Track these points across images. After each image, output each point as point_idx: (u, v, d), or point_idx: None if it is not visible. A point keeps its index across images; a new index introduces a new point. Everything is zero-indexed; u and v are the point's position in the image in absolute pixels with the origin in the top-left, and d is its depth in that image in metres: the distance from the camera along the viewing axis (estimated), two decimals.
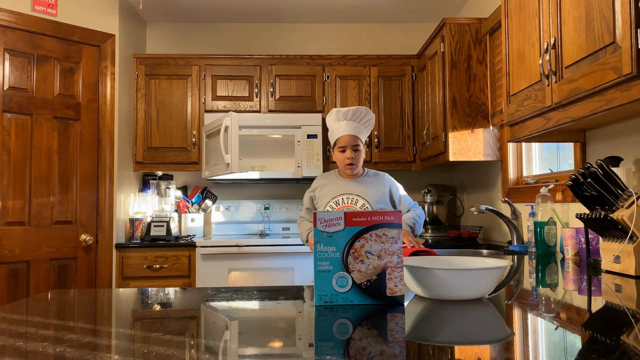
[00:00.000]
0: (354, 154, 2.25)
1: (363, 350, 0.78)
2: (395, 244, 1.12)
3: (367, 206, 2.19)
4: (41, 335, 0.88)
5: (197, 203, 3.79)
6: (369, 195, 2.23)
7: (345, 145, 2.25)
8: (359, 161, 2.27)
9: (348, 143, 2.24)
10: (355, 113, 2.27)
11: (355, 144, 2.25)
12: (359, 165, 2.28)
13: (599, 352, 0.76)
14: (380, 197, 2.24)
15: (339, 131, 2.26)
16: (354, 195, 2.24)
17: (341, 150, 2.26)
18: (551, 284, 1.49)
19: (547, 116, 1.82)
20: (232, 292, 1.33)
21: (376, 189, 2.26)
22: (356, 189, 2.26)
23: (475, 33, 3.12)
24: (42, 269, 3.06)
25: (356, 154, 2.25)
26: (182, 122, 3.66)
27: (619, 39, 1.39)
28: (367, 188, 2.26)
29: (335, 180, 2.33)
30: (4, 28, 2.96)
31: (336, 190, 2.28)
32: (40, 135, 3.07)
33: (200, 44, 4.10)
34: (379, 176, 2.34)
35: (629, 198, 1.56)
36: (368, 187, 2.26)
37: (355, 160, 2.25)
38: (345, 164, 2.25)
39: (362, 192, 2.24)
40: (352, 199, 2.23)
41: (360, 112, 2.28)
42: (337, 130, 2.27)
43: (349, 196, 2.24)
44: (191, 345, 0.81)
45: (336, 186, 2.29)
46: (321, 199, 2.30)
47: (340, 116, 2.28)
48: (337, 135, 2.27)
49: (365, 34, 4.17)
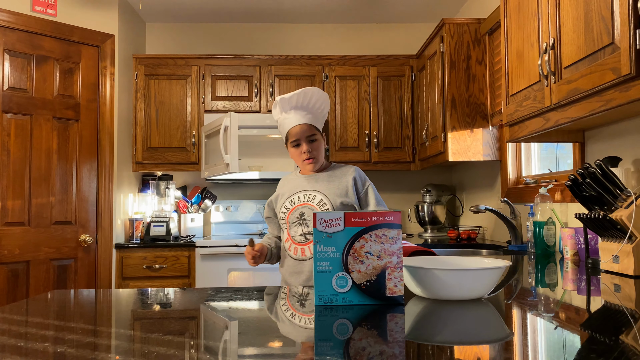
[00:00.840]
0: (311, 145, 1.92)
1: (363, 350, 0.78)
2: (395, 244, 1.12)
3: (324, 201, 1.87)
4: (42, 336, 0.88)
5: (197, 203, 3.79)
6: (328, 189, 1.91)
7: (298, 138, 1.91)
8: (319, 153, 1.94)
9: (301, 135, 1.90)
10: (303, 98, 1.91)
11: (310, 134, 1.91)
12: (319, 158, 1.95)
13: (598, 352, 0.77)
14: (342, 191, 1.90)
15: (287, 123, 1.93)
16: (312, 191, 1.92)
17: (295, 145, 1.93)
18: (550, 284, 1.49)
19: (546, 116, 1.82)
20: (232, 292, 1.34)
21: (339, 181, 1.93)
22: (314, 184, 1.94)
23: (475, 33, 3.12)
24: (42, 270, 3.06)
25: (313, 145, 1.92)
26: (181, 123, 3.66)
27: (617, 39, 1.39)
28: (328, 182, 1.94)
29: (293, 178, 2.03)
30: (4, 28, 2.96)
31: (293, 189, 1.97)
32: (39, 136, 3.07)
33: (200, 44, 4.11)
34: (344, 169, 1.99)
35: (627, 198, 1.56)
36: (328, 181, 1.94)
37: (314, 152, 1.93)
38: (302, 159, 1.93)
39: (321, 186, 1.93)
40: (309, 195, 1.91)
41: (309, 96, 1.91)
42: (286, 122, 1.93)
43: (305, 193, 1.93)
44: (191, 346, 0.82)
45: (293, 184, 1.99)
46: (278, 201, 2.01)
47: (285, 105, 1.92)
48: (286, 127, 1.93)
49: (365, 34, 4.18)
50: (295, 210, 1.91)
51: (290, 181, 2.03)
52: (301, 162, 1.96)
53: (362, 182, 1.96)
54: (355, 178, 1.95)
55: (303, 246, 1.89)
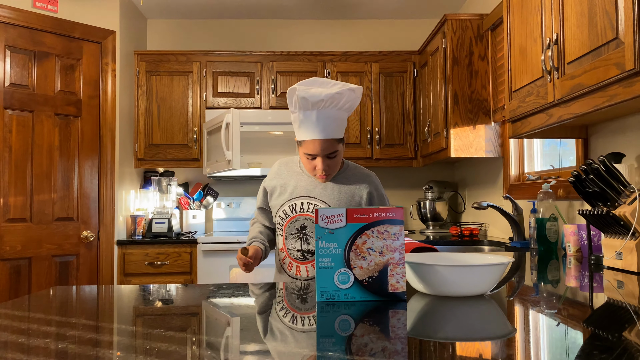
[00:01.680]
0: (328, 162, 1.59)
1: (365, 346, 0.78)
2: (397, 240, 1.12)
3: None
4: (44, 332, 0.88)
5: (199, 200, 3.80)
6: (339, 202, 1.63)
7: (315, 154, 1.57)
8: (336, 167, 1.64)
9: (320, 152, 1.56)
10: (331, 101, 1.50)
11: (331, 151, 1.57)
12: (334, 172, 1.66)
13: (600, 349, 0.76)
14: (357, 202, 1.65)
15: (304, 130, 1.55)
16: (318, 201, 1.64)
17: (310, 158, 1.60)
18: (553, 281, 1.49)
19: (549, 112, 1.81)
20: (233, 288, 1.33)
21: (351, 195, 1.64)
22: (322, 191, 1.65)
23: (477, 29, 3.11)
24: (44, 266, 3.07)
25: (332, 161, 1.59)
26: (183, 119, 3.66)
27: (622, 34, 1.38)
28: (339, 191, 1.64)
29: (298, 172, 1.72)
30: (5, 25, 2.95)
31: (295, 188, 1.68)
32: (41, 132, 3.07)
33: (201, 40, 4.10)
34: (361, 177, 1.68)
35: (631, 194, 1.55)
36: (339, 192, 1.64)
37: (331, 169, 1.61)
38: (315, 173, 1.63)
39: (329, 197, 1.64)
40: (314, 205, 1.64)
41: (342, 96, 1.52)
42: (302, 128, 1.55)
43: (310, 201, 1.65)
44: (193, 342, 0.81)
45: (297, 181, 1.70)
46: (276, 198, 1.73)
47: (307, 104, 1.51)
48: (303, 137, 1.57)
49: (367, 30, 4.16)
50: (295, 220, 1.67)
51: (294, 174, 1.72)
52: (312, 173, 1.65)
53: (380, 199, 1.68)
54: (372, 193, 1.66)
55: (300, 264, 1.68)
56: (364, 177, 1.68)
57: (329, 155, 1.58)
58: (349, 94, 1.53)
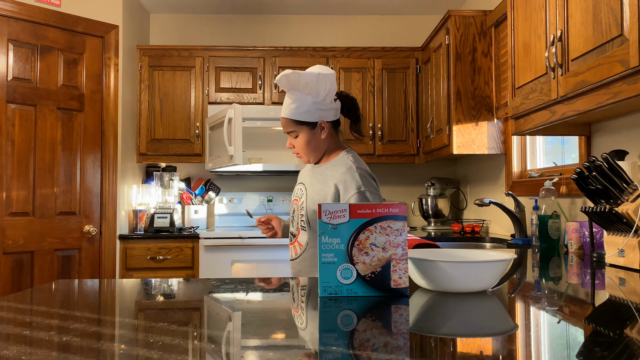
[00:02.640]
0: (292, 140, 1.73)
1: (367, 341, 0.78)
2: (400, 236, 1.12)
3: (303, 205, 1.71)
4: (47, 325, 0.88)
5: (201, 195, 3.80)
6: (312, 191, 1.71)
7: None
8: (302, 149, 1.72)
9: (283, 128, 1.75)
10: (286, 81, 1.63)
11: (288, 130, 1.72)
12: (304, 154, 1.74)
13: (602, 345, 0.76)
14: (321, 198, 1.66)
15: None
16: (303, 188, 1.77)
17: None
18: (555, 278, 1.49)
19: (552, 109, 1.81)
20: (235, 283, 1.34)
21: (321, 186, 1.68)
22: (309, 179, 1.77)
23: (480, 25, 3.10)
24: (46, 260, 3.07)
25: (295, 141, 1.72)
26: (185, 114, 3.66)
27: (626, 31, 1.37)
28: (316, 181, 1.72)
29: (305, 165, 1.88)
30: (8, 18, 2.95)
31: (300, 176, 1.87)
32: (44, 126, 3.08)
33: (204, 35, 4.09)
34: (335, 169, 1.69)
35: (634, 192, 1.55)
36: (317, 181, 1.72)
37: (297, 150, 1.74)
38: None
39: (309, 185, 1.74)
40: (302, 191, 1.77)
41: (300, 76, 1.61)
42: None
43: (301, 187, 1.79)
44: (195, 336, 0.82)
45: (303, 171, 1.89)
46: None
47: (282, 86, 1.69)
48: None
49: (370, 26, 4.15)
50: (293, 204, 1.85)
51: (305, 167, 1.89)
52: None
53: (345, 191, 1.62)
54: (337, 186, 1.64)
55: (290, 245, 1.84)
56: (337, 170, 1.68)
57: (289, 133, 1.73)
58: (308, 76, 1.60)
